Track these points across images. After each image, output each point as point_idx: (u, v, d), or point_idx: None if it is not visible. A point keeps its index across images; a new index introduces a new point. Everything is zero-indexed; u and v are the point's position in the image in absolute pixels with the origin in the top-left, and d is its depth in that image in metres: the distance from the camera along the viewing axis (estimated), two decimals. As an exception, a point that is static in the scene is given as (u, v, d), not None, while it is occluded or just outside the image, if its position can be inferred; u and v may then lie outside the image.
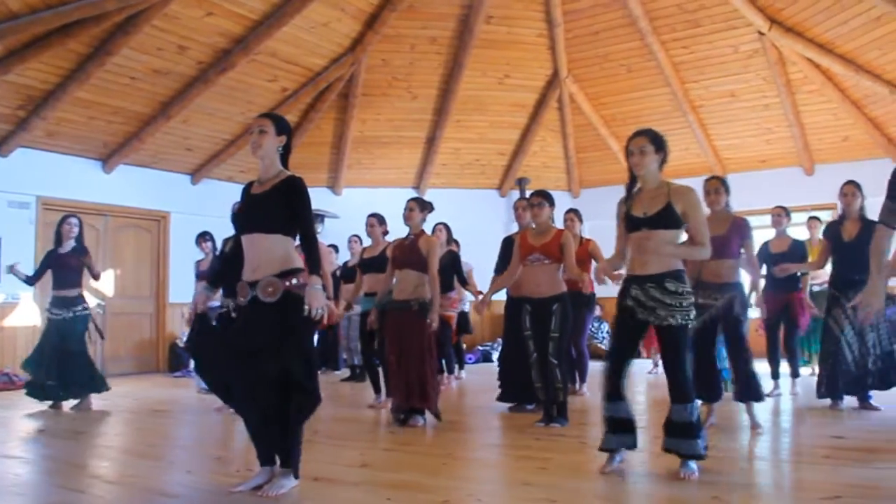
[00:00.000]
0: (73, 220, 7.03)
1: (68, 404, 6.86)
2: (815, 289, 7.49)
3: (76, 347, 6.84)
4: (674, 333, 3.82)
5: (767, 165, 11.86)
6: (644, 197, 3.95)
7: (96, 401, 6.92)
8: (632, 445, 3.94)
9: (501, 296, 6.45)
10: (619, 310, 3.99)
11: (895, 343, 5.94)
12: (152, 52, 8.89)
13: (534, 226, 5.78)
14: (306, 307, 3.52)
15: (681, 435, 3.80)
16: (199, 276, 7.92)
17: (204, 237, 8.01)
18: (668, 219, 3.83)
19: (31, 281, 7.23)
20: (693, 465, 3.80)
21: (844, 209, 6.11)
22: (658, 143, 3.93)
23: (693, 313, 3.87)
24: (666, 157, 3.97)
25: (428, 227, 6.32)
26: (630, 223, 3.95)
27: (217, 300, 6.62)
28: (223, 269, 5.86)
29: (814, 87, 10.46)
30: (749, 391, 5.18)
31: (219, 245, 7.74)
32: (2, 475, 4.18)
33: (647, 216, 3.86)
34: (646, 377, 8.83)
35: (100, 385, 6.94)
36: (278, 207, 3.63)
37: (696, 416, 3.83)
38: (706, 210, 5.61)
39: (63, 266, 6.93)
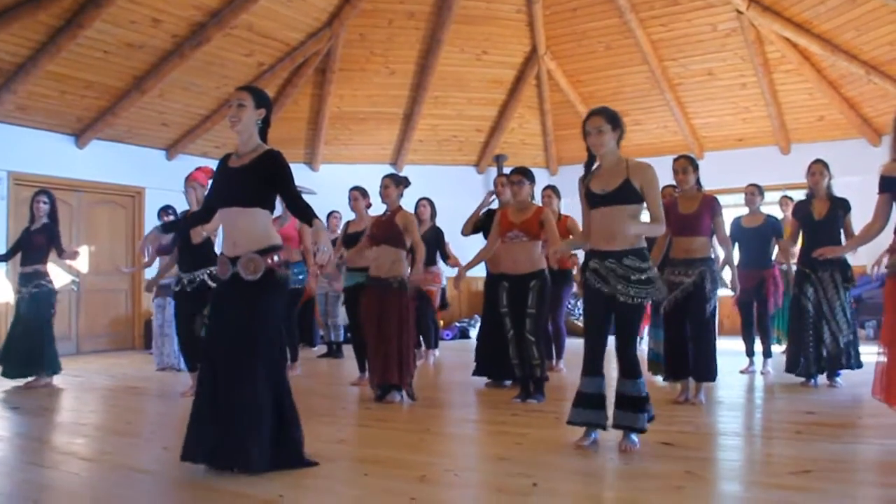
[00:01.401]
0: (42, 197, 6.91)
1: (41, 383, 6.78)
2: (784, 267, 7.53)
3: (34, 325, 6.71)
4: (628, 310, 3.90)
5: (744, 144, 11.94)
6: (603, 174, 4.01)
7: (72, 378, 6.87)
8: (601, 423, 3.99)
9: (480, 272, 6.45)
10: (585, 287, 4.06)
11: (856, 325, 6.08)
12: (125, 24, 8.73)
13: (513, 202, 5.79)
14: (314, 245, 3.56)
15: (628, 408, 3.90)
16: (161, 250, 7.84)
17: (166, 211, 7.94)
18: (626, 194, 3.91)
19: (3, 258, 7.13)
20: (635, 437, 3.92)
21: (812, 188, 6.14)
22: (614, 121, 3.98)
23: (652, 293, 3.93)
24: (622, 133, 4.03)
25: (409, 203, 6.32)
26: (590, 200, 4.01)
27: (171, 277, 6.59)
28: (181, 239, 5.84)
29: (791, 67, 10.52)
30: (706, 371, 5.25)
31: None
32: (-25, 452, 4.15)
33: (606, 192, 3.93)
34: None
35: (50, 366, 6.81)
36: (257, 181, 3.62)
37: (644, 390, 3.93)
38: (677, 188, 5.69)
39: (30, 243, 6.85)
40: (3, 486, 3.47)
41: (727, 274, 5.74)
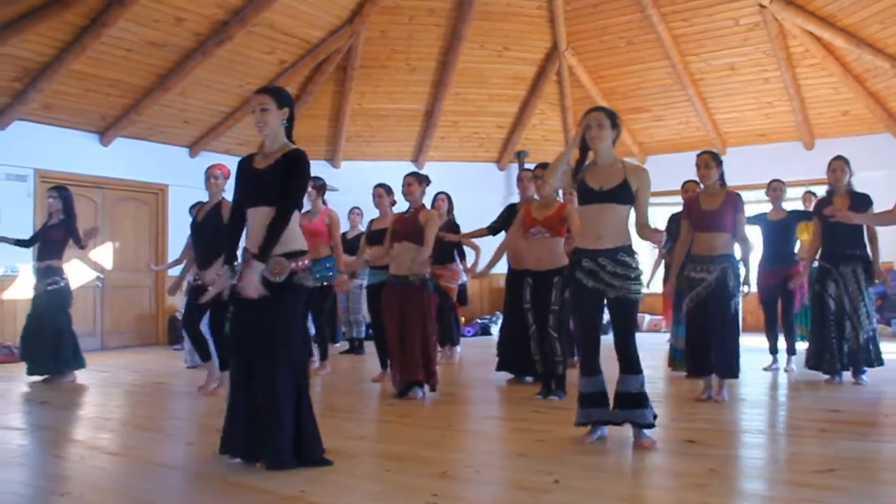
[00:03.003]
0: (51, 193, 7.03)
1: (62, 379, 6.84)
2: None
3: (51, 323, 6.77)
4: (625, 306, 3.94)
5: (767, 139, 11.82)
6: (599, 171, 4.03)
7: (98, 373, 6.94)
8: (609, 419, 4.02)
9: (501, 269, 6.45)
10: (573, 286, 4.06)
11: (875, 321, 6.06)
12: (149, 23, 8.80)
13: (537, 198, 5.79)
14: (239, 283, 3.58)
15: (631, 405, 3.91)
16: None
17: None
18: (623, 194, 3.94)
19: (22, 244, 7.13)
20: (647, 432, 3.92)
21: (833, 184, 6.10)
22: (613, 119, 4.04)
23: (642, 287, 3.97)
24: (619, 134, 4.08)
25: (428, 199, 6.34)
26: (584, 195, 4.02)
27: (192, 274, 6.63)
28: (195, 236, 5.87)
29: (814, 61, 10.40)
30: (729, 368, 5.23)
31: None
32: (4, 446, 4.22)
33: (604, 190, 3.94)
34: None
35: (73, 362, 6.89)
36: (282, 180, 3.63)
37: (643, 385, 3.95)
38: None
39: (46, 239, 6.92)
40: (30, 479, 3.53)
41: (743, 271, 5.71)
